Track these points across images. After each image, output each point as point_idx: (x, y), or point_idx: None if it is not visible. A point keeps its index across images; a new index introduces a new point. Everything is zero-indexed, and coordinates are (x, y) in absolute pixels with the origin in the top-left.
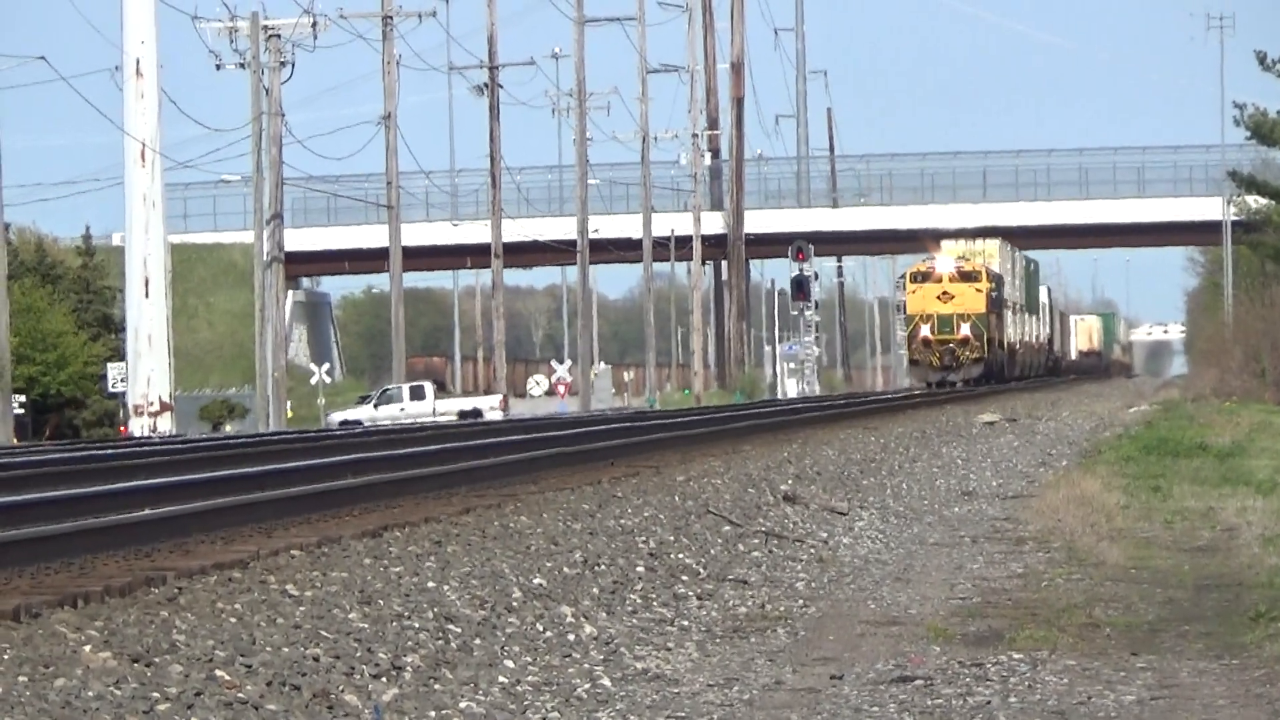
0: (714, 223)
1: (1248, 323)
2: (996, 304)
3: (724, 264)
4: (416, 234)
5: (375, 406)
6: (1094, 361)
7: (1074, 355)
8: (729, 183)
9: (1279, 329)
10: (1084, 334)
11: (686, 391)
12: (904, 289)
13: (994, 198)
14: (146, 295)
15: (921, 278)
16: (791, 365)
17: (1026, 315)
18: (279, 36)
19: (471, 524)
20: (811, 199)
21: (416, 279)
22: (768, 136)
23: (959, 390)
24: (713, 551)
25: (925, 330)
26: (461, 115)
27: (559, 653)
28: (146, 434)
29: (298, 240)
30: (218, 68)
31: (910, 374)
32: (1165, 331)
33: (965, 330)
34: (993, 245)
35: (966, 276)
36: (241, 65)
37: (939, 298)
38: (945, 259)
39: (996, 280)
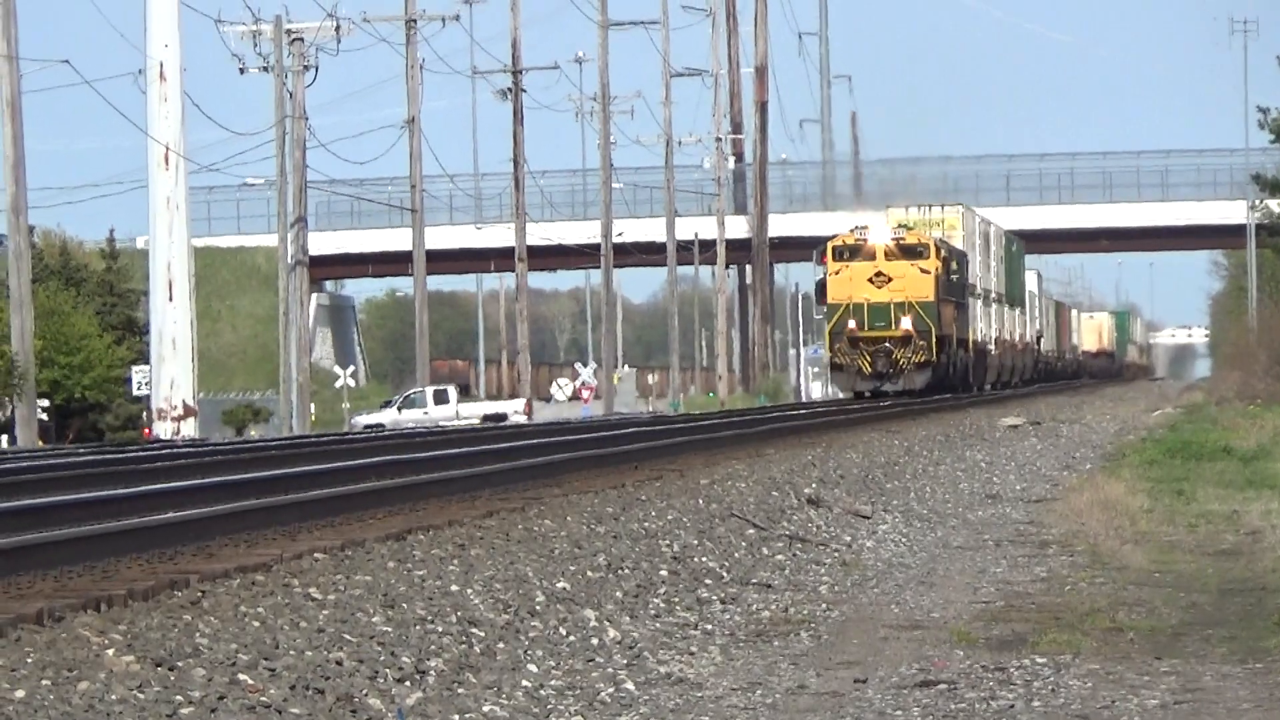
0: (738, 226)
1: (1272, 326)
2: (954, 290)
3: (748, 268)
4: (440, 237)
5: (399, 410)
6: (1104, 363)
7: (1075, 356)
8: (753, 186)
9: None
10: (1092, 333)
11: (711, 395)
12: (826, 268)
13: (1017, 201)
14: (170, 299)
15: (849, 253)
16: (816, 369)
17: (1005, 307)
18: (302, 40)
19: (495, 527)
20: (835, 203)
21: (440, 282)
22: (792, 141)
23: (982, 394)
24: (736, 555)
25: (852, 324)
26: (485, 119)
27: (582, 657)
28: (170, 438)
29: (322, 244)
30: (241, 71)
31: (833, 381)
32: (1189, 335)
33: (906, 325)
34: (954, 213)
35: (909, 252)
36: (265, 69)
37: (871, 280)
38: (881, 229)
39: (957, 259)
